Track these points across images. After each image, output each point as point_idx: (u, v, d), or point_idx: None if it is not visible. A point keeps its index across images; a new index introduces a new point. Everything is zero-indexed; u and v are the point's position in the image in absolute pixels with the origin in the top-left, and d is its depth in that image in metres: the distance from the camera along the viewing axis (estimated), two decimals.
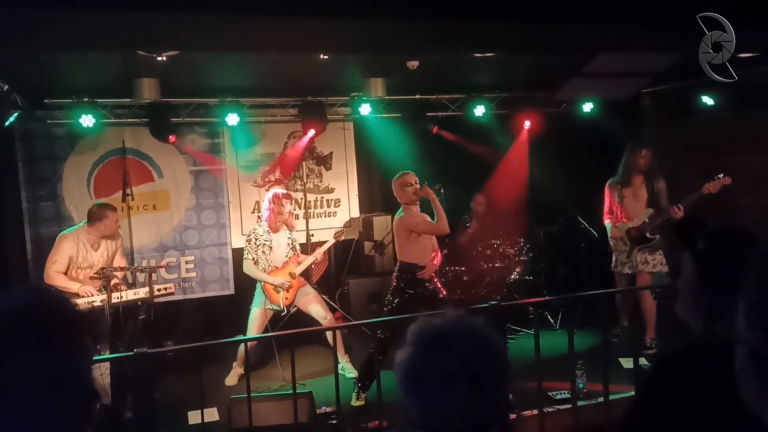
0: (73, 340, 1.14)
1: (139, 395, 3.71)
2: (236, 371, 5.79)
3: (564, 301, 6.55)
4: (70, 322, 1.16)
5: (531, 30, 4.33)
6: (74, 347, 1.14)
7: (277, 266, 5.77)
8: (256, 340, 5.76)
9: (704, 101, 6.82)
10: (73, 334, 1.15)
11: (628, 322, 6.21)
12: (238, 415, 4.31)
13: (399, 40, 4.55)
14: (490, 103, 7.46)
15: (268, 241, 5.75)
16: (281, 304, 5.68)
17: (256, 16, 3.67)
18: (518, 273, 7.12)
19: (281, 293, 5.67)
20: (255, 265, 5.71)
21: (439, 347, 1.25)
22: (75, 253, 5.20)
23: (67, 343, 1.13)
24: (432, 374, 1.23)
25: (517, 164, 7.99)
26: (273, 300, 5.67)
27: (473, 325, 1.29)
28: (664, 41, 4.92)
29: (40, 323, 1.11)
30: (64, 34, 3.88)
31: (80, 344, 1.15)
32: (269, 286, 5.67)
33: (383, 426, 4.14)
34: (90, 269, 5.28)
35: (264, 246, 5.73)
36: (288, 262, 5.83)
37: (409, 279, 5.19)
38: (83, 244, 5.25)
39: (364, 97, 6.86)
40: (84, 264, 5.26)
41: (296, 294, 5.79)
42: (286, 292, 5.69)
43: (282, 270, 5.78)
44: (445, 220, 5.20)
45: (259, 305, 5.72)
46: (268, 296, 5.67)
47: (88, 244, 5.28)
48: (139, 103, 6.38)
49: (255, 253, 5.71)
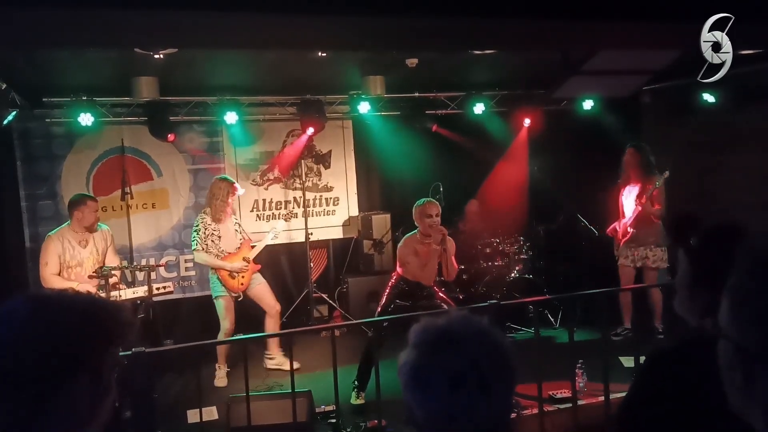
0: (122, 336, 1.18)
1: (138, 394, 3.70)
2: (222, 371, 5.77)
3: (564, 300, 6.54)
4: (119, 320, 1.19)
5: (530, 27, 4.31)
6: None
7: (231, 252, 5.73)
8: (254, 339, 5.74)
9: (705, 99, 6.81)
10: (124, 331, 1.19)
11: (630, 323, 6.21)
12: (236, 414, 4.29)
13: (398, 38, 4.53)
14: (490, 101, 7.44)
15: (216, 231, 5.68)
16: (237, 289, 5.67)
17: (255, 14, 3.65)
18: (518, 271, 7.10)
19: (236, 278, 5.65)
20: (207, 254, 5.65)
21: (445, 348, 1.22)
22: (62, 251, 5.18)
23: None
24: (439, 375, 1.20)
25: (516, 162, 7.97)
26: (229, 286, 5.64)
27: (480, 325, 1.27)
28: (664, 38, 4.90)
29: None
30: (62, 33, 3.86)
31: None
32: (224, 273, 5.62)
33: (382, 425, 4.13)
34: (80, 267, 5.24)
35: (212, 236, 5.67)
36: (241, 247, 5.79)
37: (407, 291, 5.15)
38: (68, 242, 5.22)
39: (363, 95, 6.85)
40: (72, 262, 5.22)
41: (251, 278, 5.75)
42: (241, 277, 5.67)
43: (236, 255, 5.74)
44: (453, 273, 5.20)
45: (222, 293, 5.67)
46: (225, 283, 5.63)
47: (75, 242, 5.25)
48: (137, 102, 6.38)
49: (204, 243, 5.64)
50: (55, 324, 1.09)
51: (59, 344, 1.08)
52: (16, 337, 1.07)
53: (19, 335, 1.07)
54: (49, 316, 1.10)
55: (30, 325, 1.08)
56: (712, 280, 1.56)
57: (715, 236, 1.66)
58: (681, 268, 1.68)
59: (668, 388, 1.52)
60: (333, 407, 4.54)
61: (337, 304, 7.39)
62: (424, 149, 7.32)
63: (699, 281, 1.62)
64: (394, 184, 7.98)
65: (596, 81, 6.75)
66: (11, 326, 1.07)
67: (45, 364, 1.06)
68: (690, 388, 1.45)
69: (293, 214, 7.54)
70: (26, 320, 1.08)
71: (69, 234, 5.26)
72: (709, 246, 1.63)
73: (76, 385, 1.09)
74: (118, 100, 6.49)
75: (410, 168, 7.46)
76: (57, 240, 5.21)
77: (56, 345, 1.07)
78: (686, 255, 1.67)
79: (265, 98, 7.12)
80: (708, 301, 1.57)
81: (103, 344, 1.13)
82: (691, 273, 1.64)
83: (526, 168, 8.00)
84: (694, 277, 1.63)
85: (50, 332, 1.08)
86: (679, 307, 1.70)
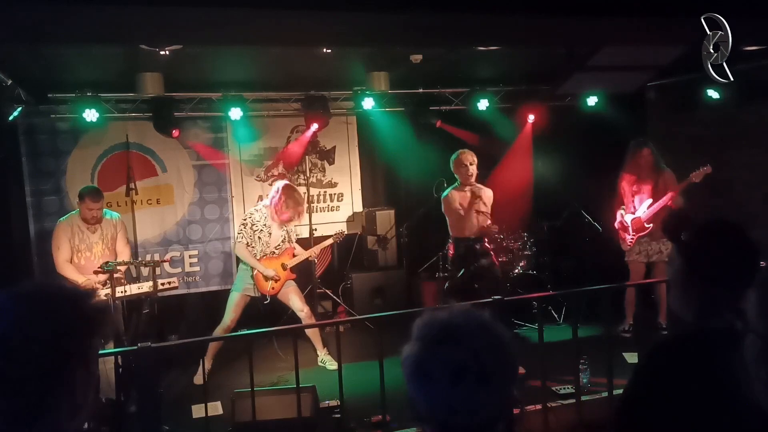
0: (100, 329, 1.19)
1: (143, 389, 3.72)
2: (206, 366, 5.73)
3: (568, 296, 6.53)
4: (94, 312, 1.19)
5: (535, 22, 4.31)
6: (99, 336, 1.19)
7: (270, 255, 5.77)
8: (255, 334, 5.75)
9: (710, 95, 6.79)
10: (101, 324, 1.20)
11: (633, 320, 6.21)
12: (241, 409, 4.31)
13: (402, 34, 4.53)
14: (494, 97, 7.43)
15: (267, 227, 5.74)
16: (267, 292, 5.70)
17: (260, 10, 3.66)
18: (522, 267, 7.10)
19: (269, 282, 5.70)
20: (247, 249, 5.70)
21: (447, 341, 1.24)
22: (71, 236, 5.38)
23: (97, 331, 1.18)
24: (441, 368, 1.22)
25: (520, 158, 7.96)
26: (260, 287, 5.69)
27: (481, 319, 1.29)
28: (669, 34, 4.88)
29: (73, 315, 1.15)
30: (67, 29, 3.87)
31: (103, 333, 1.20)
32: (259, 273, 5.68)
33: (386, 420, 4.14)
34: (89, 252, 5.42)
35: (261, 232, 5.72)
36: (283, 253, 5.83)
37: (464, 255, 5.83)
38: (78, 227, 5.42)
39: (367, 91, 6.84)
40: (82, 246, 5.41)
41: (283, 285, 5.80)
42: (274, 282, 5.71)
43: (275, 260, 5.78)
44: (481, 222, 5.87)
45: (239, 290, 5.73)
46: (257, 282, 5.69)
47: (84, 227, 5.43)
48: (142, 98, 6.39)
49: (250, 237, 5.70)
50: (49, 317, 1.10)
51: (54, 337, 1.09)
52: (12, 332, 1.08)
53: (14, 330, 1.08)
54: (43, 310, 1.11)
55: (25, 320, 1.09)
56: (703, 276, 1.60)
57: (705, 232, 1.69)
58: (675, 264, 1.71)
59: (665, 383, 1.53)
60: (337, 402, 4.55)
61: (342, 299, 7.40)
62: (428, 145, 7.31)
63: (691, 277, 1.65)
64: (398, 180, 7.98)
65: (601, 77, 6.75)
66: (4, 322, 1.08)
67: (43, 358, 1.07)
68: (687, 382, 1.47)
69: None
70: (20, 315, 1.09)
71: (78, 220, 5.45)
72: (700, 242, 1.66)
73: (70, 376, 1.11)
74: (123, 96, 6.51)
75: (414, 164, 7.46)
76: (67, 225, 5.43)
77: (51, 338, 1.09)
78: (679, 251, 1.69)
79: (270, 94, 7.12)
80: (701, 296, 1.61)
81: (89, 333, 1.16)
82: (684, 269, 1.67)
83: (531, 164, 7.99)
84: (687, 272, 1.66)
85: (46, 325, 1.09)
86: (674, 303, 1.73)
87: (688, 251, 1.66)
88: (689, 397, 1.44)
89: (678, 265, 1.69)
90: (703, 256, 1.63)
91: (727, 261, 1.56)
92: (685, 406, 1.45)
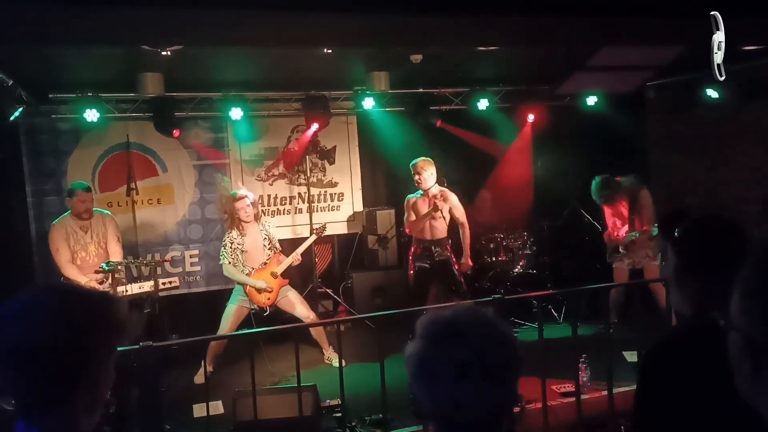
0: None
1: (145, 388, 3.73)
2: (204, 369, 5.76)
3: (568, 295, 6.54)
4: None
5: (535, 23, 4.32)
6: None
7: (258, 267, 5.78)
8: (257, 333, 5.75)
9: (709, 94, 6.80)
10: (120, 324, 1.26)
11: (618, 319, 6.20)
12: (242, 408, 4.32)
13: (402, 34, 4.54)
14: (494, 97, 7.45)
15: (240, 245, 5.74)
16: (263, 304, 5.72)
17: (260, 11, 3.67)
18: (522, 267, 7.12)
19: (263, 294, 5.71)
20: (234, 268, 5.72)
21: (451, 338, 1.25)
22: (66, 237, 5.44)
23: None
24: (445, 366, 1.23)
25: (520, 158, 7.98)
26: (255, 301, 5.70)
27: (485, 317, 1.30)
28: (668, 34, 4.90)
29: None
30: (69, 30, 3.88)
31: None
32: (251, 288, 5.69)
33: (387, 419, 4.16)
34: (85, 252, 5.48)
35: (237, 250, 5.73)
36: (269, 262, 5.83)
37: (421, 253, 6.08)
38: (71, 228, 5.49)
39: (368, 91, 6.85)
40: (77, 246, 5.47)
41: (278, 293, 5.80)
42: (267, 293, 5.72)
43: (264, 271, 5.78)
44: (417, 225, 6.11)
45: (235, 302, 5.75)
46: (251, 297, 5.70)
47: (77, 228, 5.50)
48: (143, 98, 6.40)
49: (231, 256, 5.72)
50: (79, 314, 1.17)
51: (83, 333, 1.15)
52: (46, 324, 1.14)
53: (48, 323, 1.14)
54: (74, 307, 1.17)
55: (59, 314, 1.15)
56: (697, 270, 1.62)
57: (697, 227, 1.70)
58: (670, 262, 1.73)
59: (670, 379, 1.54)
60: (338, 401, 4.57)
61: (342, 299, 7.41)
62: (429, 145, 7.31)
63: (685, 272, 1.66)
64: (399, 179, 7.97)
65: (600, 77, 6.75)
66: (39, 315, 1.14)
67: (67, 356, 1.13)
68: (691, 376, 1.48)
69: (298, 210, 7.58)
70: (54, 310, 1.15)
71: (70, 221, 5.50)
72: (692, 237, 1.68)
73: (91, 374, 1.18)
74: (123, 96, 6.52)
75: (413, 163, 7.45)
76: (60, 227, 5.49)
77: (80, 333, 1.15)
78: (672, 248, 1.71)
79: (270, 94, 7.13)
80: (697, 290, 1.63)
81: (113, 335, 1.23)
82: (678, 265, 1.68)
83: (530, 164, 8.01)
84: (681, 268, 1.68)
85: (76, 322, 1.15)
86: (671, 299, 1.75)
87: (682, 247, 1.68)
88: (697, 390, 1.46)
89: (672, 261, 1.70)
90: (695, 251, 1.64)
91: (720, 255, 1.57)
92: (693, 399, 1.46)
